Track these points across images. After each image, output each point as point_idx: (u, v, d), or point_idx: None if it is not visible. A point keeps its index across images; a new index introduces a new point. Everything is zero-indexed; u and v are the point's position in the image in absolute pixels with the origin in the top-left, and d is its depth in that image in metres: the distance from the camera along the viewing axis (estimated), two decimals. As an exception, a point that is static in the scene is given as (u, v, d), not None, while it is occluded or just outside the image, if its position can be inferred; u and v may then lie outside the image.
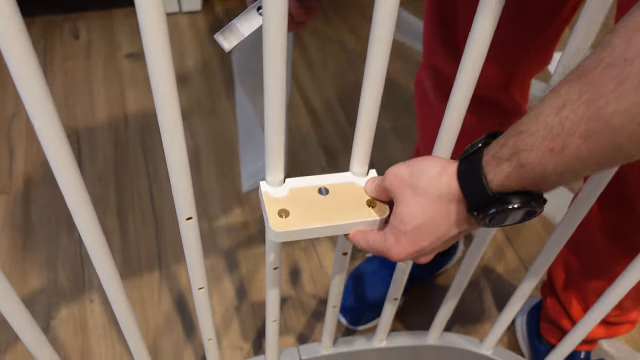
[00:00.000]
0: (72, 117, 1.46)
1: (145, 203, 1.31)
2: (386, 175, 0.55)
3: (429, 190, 0.50)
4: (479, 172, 0.46)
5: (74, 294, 1.16)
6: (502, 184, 0.45)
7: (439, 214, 0.50)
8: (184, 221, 0.57)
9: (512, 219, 0.48)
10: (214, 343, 0.80)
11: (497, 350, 0.98)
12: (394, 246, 0.53)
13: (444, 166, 0.50)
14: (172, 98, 0.47)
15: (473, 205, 0.47)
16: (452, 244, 0.55)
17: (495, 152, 0.45)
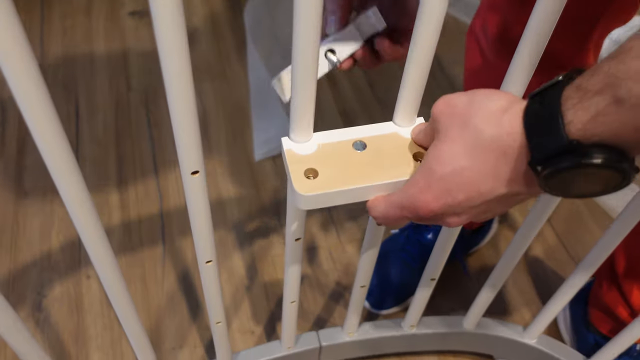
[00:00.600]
0: (70, 78, 1.34)
1: (149, 172, 1.20)
2: (437, 103, 0.42)
3: (483, 127, 0.38)
4: (554, 108, 0.34)
5: (69, 269, 1.06)
6: (586, 129, 0.33)
7: (488, 161, 0.38)
8: (188, 176, 0.46)
9: (586, 184, 0.36)
10: (223, 327, 0.69)
11: (542, 339, 0.87)
12: (423, 192, 0.41)
13: (512, 102, 0.38)
14: (183, 60, 0.35)
15: (538, 155, 0.35)
16: (495, 213, 0.43)
17: (582, 82, 0.33)
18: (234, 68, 1.39)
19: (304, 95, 0.43)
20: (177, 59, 0.37)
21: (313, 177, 0.45)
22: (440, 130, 0.41)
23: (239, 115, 1.30)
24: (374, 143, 0.48)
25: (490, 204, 0.41)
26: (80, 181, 0.44)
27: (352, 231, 1.13)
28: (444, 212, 0.42)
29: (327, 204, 0.46)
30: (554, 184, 0.36)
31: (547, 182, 0.36)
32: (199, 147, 0.44)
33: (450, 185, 0.40)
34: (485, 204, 0.40)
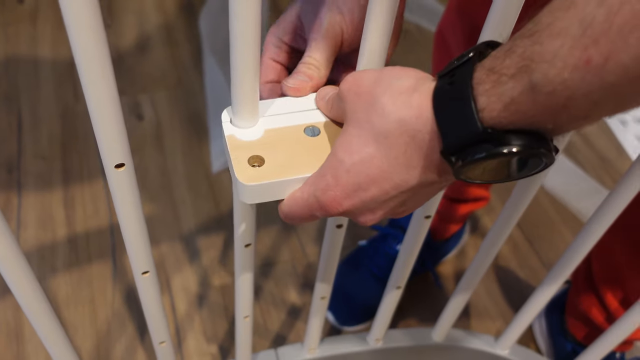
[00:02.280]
0: (12, 85, 1.26)
1: (97, 187, 1.12)
2: (344, 80, 0.38)
3: (390, 109, 0.33)
4: (465, 94, 0.30)
5: (7, 294, 0.97)
6: (500, 117, 0.29)
7: (397, 148, 0.33)
8: (112, 170, 0.40)
9: (502, 171, 0.32)
10: (168, 347, 0.62)
11: (514, 349, 0.82)
12: (331, 188, 0.36)
13: (422, 80, 0.34)
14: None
15: (451, 144, 0.31)
16: (413, 207, 0.38)
17: (495, 64, 0.29)
18: (189, 76, 1.32)
19: (245, 71, 0.38)
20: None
21: (258, 166, 0.40)
22: (348, 111, 0.37)
23: (196, 124, 1.23)
24: (327, 128, 0.43)
25: (406, 196, 0.36)
26: None
27: (318, 244, 1.07)
28: (357, 209, 0.37)
29: (275, 197, 0.41)
30: (469, 174, 0.32)
31: (462, 172, 0.32)
32: (123, 135, 0.38)
33: (360, 178, 0.35)
34: (401, 195, 0.36)
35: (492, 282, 1.05)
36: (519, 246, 1.10)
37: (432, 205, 0.56)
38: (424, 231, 0.59)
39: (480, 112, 0.29)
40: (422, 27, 1.50)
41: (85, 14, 0.30)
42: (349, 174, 0.35)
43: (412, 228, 0.59)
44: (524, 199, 0.58)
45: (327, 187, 0.37)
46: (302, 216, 0.40)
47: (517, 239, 1.11)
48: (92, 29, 0.31)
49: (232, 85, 0.39)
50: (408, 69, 0.36)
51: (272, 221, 1.09)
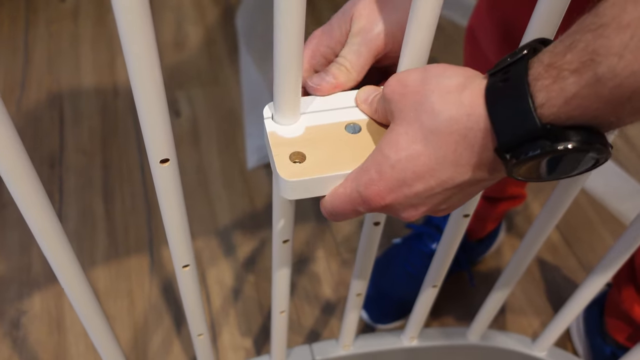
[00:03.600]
0: (55, 84, 1.29)
1: (136, 181, 1.14)
2: (388, 82, 0.38)
3: (440, 107, 0.33)
4: (522, 90, 0.29)
5: (50, 284, 1.00)
6: (560, 112, 0.28)
7: (447, 146, 0.33)
8: (157, 165, 0.40)
9: (561, 169, 0.32)
10: (206, 340, 0.63)
11: (552, 351, 0.81)
12: (374, 182, 0.36)
13: (470, 78, 0.33)
14: None
15: (506, 141, 0.31)
16: (456, 205, 0.38)
17: (554, 59, 0.28)
18: (226, 73, 1.34)
19: (288, 70, 0.38)
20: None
21: (299, 162, 0.40)
22: (394, 111, 0.36)
23: (232, 121, 1.25)
24: (369, 126, 0.43)
25: (450, 193, 0.36)
26: (41, 193, 0.38)
27: (352, 241, 1.07)
28: (400, 205, 0.37)
29: (315, 193, 0.41)
30: (523, 171, 0.32)
31: (517, 170, 0.31)
32: (168, 132, 0.39)
33: (406, 174, 0.35)
34: (445, 192, 0.36)
35: (529, 283, 1.03)
36: (557, 247, 1.08)
37: (472, 204, 0.56)
38: (462, 230, 0.59)
39: (539, 108, 0.29)
40: (456, 23, 1.48)
41: (136, 14, 0.30)
42: (393, 170, 0.36)
43: (450, 226, 0.59)
44: (564, 201, 0.57)
45: (371, 181, 0.37)
46: (345, 212, 0.40)
47: (555, 240, 1.09)
48: (142, 29, 0.31)
49: (274, 83, 0.40)
50: (454, 66, 0.36)
51: (307, 218, 1.10)
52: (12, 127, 0.34)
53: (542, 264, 1.06)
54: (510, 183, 0.87)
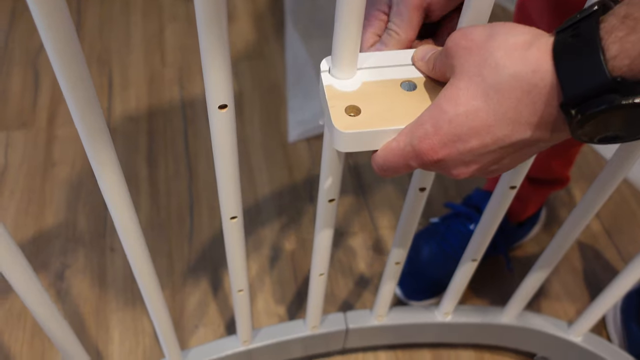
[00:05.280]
0: (105, 51, 1.32)
1: (179, 149, 1.17)
2: (452, 35, 0.37)
3: (505, 63, 0.33)
4: (593, 42, 0.29)
5: (94, 241, 1.03)
6: (633, 64, 0.28)
7: (508, 102, 0.33)
8: (215, 110, 0.42)
9: (623, 128, 0.31)
10: (245, 296, 0.65)
11: (588, 337, 0.80)
12: (429, 136, 0.36)
13: (537, 36, 0.33)
14: None
15: (573, 96, 0.30)
16: (508, 166, 0.38)
17: (631, 11, 0.28)
18: (271, 48, 1.35)
19: (347, 25, 0.38)
20: None
21: (354, 115, 0.41)
22: (456, 66, 0.36)
23: (275, 95, 1.26)
24: (425, 84, 0.43)
25: (504, 152, 0.36)
26: (111, 148, 0.41)
27: (388, 217, 1.08)
28: (452, 161, 0.37)
29: (368, 147, 0.41)
30: (587, 129, 0.31)
31: (581, 126, 0.31)
32: (228, 78, 0.40)
33: (462, 130, 0.35)
34: (499, 151, 0.36)
35: (567, 272, 1.02)
36: (597, 238, 1.07)
37: (519, 175, 0.56)
38: (507, 202, 0.59)
39: (610, 60, 0.29)
40: (507, 9, 1.46)
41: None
42: (450, 124, 0.36)
43: (495, 197, 0.59)
44: (607, 188, 0.56)
45: (426, 135, 0.37)
46: (396, 166, 0.40)
47: (596, 230, 1.08)
48: None
49: (334, 37, 0.40)
50: (521, 25, 0.35)
51: (345, 192, 1.10)
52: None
53: (581, 254, 1.05)
54: (554, 164, 0.86)
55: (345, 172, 1.14)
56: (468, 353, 0.92)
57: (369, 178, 1.13)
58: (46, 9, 0.31)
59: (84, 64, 0.36)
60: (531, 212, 0.97)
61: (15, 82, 1.27)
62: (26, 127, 1.19)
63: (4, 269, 0.47)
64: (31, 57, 1.32)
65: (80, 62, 0.35)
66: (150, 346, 0.92)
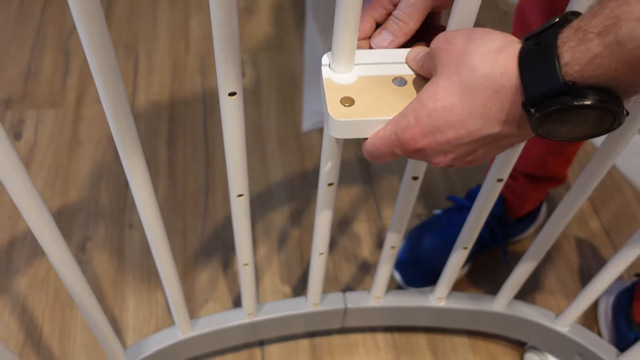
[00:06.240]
0: (132, 36, 1.39)
1: (198, 134, 1.22)
2: (436, 39, 0.42)
3: (478, 65, 0.37)
4: (550, 50, 0.33)
5: (114, 216, 1.10)
6: (582, 71, 0.32)
7: (479, 100, 0.38)
8: (226, 97, 0.47)
9: (576, 127, 0.36)
10: (251, 270, 0.70)
11: (575, 328, 0.84)
12: (411, 127, 0.41)
13: (508, 42, 0.38)
14: None
15: (532, 96, 0.35)
16: (482, 157, 0.43)
17: (582, 24, 0.32)
18: (291, 40, 1.40)
19: (346, 26, 0.43)
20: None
21: (348, 105, 0.46)
22: (438, 66, 0.41)
23: (292, 85, 1.31)
24: (414, 81, 0.48)
25: (477, 144, 0.40)
26: (133, 129, 0.46)
27: (393, 206, 1.12)
28: (431, 150, 0.42)
29: (359, 134, 0.46)
30: (545, 126, 0.36)
31: (539, 124, 0.36)
32: (238, 66, 0.45)
33: (439, 122, 0.40)
34: (472, 143, 0.40)
35: (564, 268, 1.06)
36: (595, 236, 1.10)
37: (505, 168, 0.60)
38: (495, 193, 0.63)
39: (563, 66, 0.33)
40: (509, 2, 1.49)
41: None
42: (429, 117, 0.40)
43: (485, 189, 0.63)
44: (595, 175, 0.60)
45: (408, 126, 0.42)
46: (383, 152, 0.45)
47: (594, 228, 1.11)
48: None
49: (334, 35, 0.45)
50: (497, 31, 0.40)
51: (354, 182, 1.15)
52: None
53: (579, 251, 1.08)
54: (551, 162, 0.90)
55: (354, 163, 1.19)
56: (462, 339, 0.96)
57: (377, 169, 1.18)
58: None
59: (112, 49, 0.41)
60: (530, 208, 1.01)
61: (47, 63, 1.34)
62: (55, 106, 1.26)
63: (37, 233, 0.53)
64: (62, 40, 1.39)
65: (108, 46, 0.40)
66: (162, 317, 0.98)
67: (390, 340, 0.96)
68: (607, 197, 1.16)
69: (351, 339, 0.96)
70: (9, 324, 0.96)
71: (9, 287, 1.00)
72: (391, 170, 1.18)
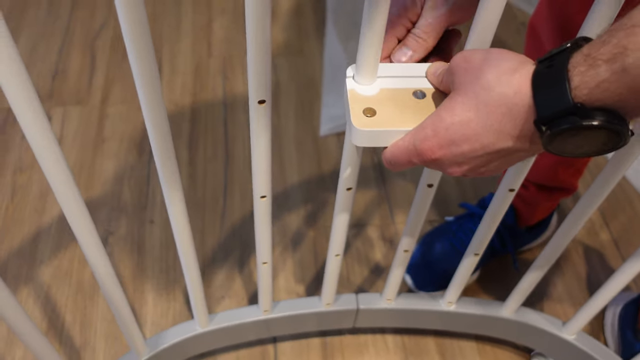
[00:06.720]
0: (157, 38, 1.43)
1: (219, 135, 1.26)
2: (454, 57, 0.45)
3: (494, 84, 0.40)
4: (561, 74, 0.36)
5: (136, 212, 1.13)
6: (590, 94, 0.35)
7: (494, 117, 0.40)
8: (255, 105, 0.50)
9: (584, 144, 0.38)
10: (269, 268, 0.73)
11: (581, 336, 0.86)
12: (429, 138, 0.44)
13: (522, 63, 0.40)
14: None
15: (544, 115, 0.38)
16: (495, 169, 0.45)
17: (591, 51, 0.35)
18: (311, 45, 1.43)
19: (371, 39, 0.46)
20: None
21: (370, 116, 0.48)
22: (456, 82, 0.44)
23: (310, 90, 1.34)
24: (433, 95, 0.50)
25: (491, 157, 0.43)
26: (165, 122, 0.49)
27: (406, 213, 1.15)
28: (447, 160, 0.44)
29: (379, 143, 0.49)
30: (555, 144, 0.38)
31: (550, 141, 0.38)
32: (268, 76, 0.48)
33: (456, 136, 0.42)
34: (486, 156, 0.43)
35: (573, 279, 1.08)
36: (605, 247, 1.12)
37: (517, 180, 0.62)
38: (507, 203, 0.65)
39: (573, 89, 0.36)
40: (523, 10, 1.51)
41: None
42: (447, 131, 0.43)
43: (497, 198, 0.66)
44: (606, 186, 0.62)
45: (426, 137, 0.45)
46: (401, 161, 0.48)
47: (604, 239, 1.13)
48: None
49: (359, 49, 0.48)
50: (512, 52, 0.43)
51: (369, 187, 1.18)
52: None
53: (588, 262, 1.10)
54: (561, 172, 0.92)
55: (369, 169, 1.21)
56: (470, 344, 0.99)
57: (392, 175, 1.21)
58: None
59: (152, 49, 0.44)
60: (540, 217, 1.03)
61: (74, 62, 1.38)
62: (81, 104, 1.30)
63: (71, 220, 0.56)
64: (89, 40, 1.43)
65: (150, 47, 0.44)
66: (179, 311, 1.01)
67: (399, 342, 0.98)
68: (618, 209, 1.17)
69: (362, 339, 0.99)
70: (33, 312, 1.00)
71: (33, 277, 1.04)
72: (405, 177, 1.21)
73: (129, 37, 0.42)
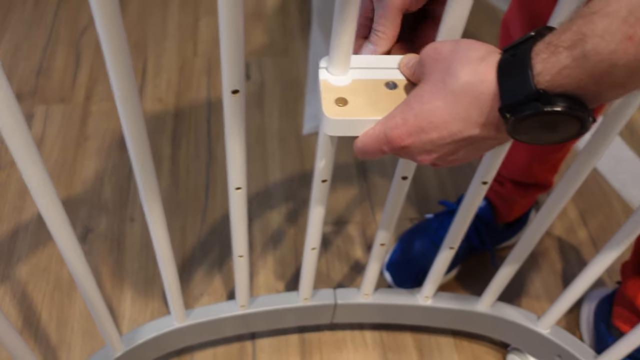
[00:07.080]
0: (142, 36, 1.43)
1: (202, 133, 1.26)
2: (425, 49, 0.46)
3: (461, 74, 0.41)
4: (524, 61, 0.37)
5: (116, 210, 1.13)
6: (552, 80, 0.36)
7: (461, 105, 0.41)
8: (229, 95, 0.50)
9: (548, 131, 0.39)
10: (245, 262, 0.74)
11: (555, 330, 0.87)
12: (398, 127, 0.45)
13: (489, 53, 0.41)
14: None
15: (508, 102, 0.39)
16: (463, 157, 0.46)
17: (553, 38, 0.36)
18: (296, 45, 1.44)
19: (342, 29, 0.47)
20: None
21: (342, 105, 0.49)
22: (425, 73, 0.45)
23: (295, 90, 1.35)
24: (405, 86, 0.51)
25: (459, 145, 0.44)
26: (141, 122, 0.50)
27: (386, 211, 1.16)
28: (416, 148, 0.45)
29: (350, 132, 0.50)
30: (519, 130, 0.39)
31: (514, 128, 0.39)
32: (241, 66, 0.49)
33: (424, 123, 0.43)
34: (454, 144, 0.44)
35: (550, 275, 1.09)
36: (582, 245, 1.13)
37: (489, 172, 0.63)
38: (480, 195, 0.66)
39: (536, 76, 0.37)
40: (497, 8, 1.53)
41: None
42: (415, 118, 0.44)
43: (470, 191, 0.67)
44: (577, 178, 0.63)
45: (395, 125, 0.45)
46: (372, 150, 0.48)
47: (582, 238, 1.14)
48: None
49: (331, 40, 0.48)
50: (480, 43, 0.44)
51: (351, 185, 1.19)
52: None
53: (565, 259, 1.11)
54: (536, 168, 0.94)
55: (351, 166, 1.22)
56: (447, 339, 0.99)
57: (374, 173, 1.21)
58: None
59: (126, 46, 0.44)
60: (518, 214, 1.04)
61: (58, 60, 1.38)
62: (64, 102, 1.30)
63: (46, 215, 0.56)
64: (75, 38, 1.43)
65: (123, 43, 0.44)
66: (158, 308, 1.01)
67: (378, 338, 0.99)
68: (597, 208, 1.19)
69: (340, 335, 0.99)
70: (9, 310, 0.99)
71: (10, 275, 1.03)
72: (387, 174, 1.21)
73: (105, 43, 0.42)
